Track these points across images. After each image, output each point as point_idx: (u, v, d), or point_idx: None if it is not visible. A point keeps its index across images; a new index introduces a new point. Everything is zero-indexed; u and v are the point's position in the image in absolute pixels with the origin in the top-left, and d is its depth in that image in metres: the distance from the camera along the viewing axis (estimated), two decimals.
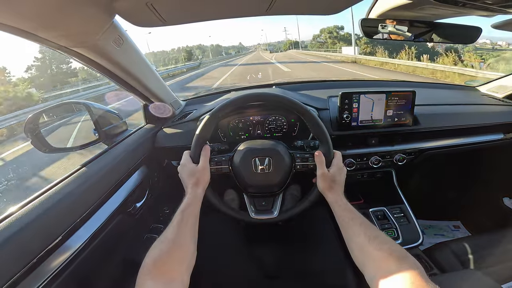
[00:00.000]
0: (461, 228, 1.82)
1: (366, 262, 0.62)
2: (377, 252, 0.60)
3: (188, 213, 0.73)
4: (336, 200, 0.80)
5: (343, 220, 0.74)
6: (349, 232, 0.70)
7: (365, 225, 0.69)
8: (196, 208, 0.77)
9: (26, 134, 0.88)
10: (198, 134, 0.88)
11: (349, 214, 0.74)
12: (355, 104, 1.15)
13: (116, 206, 0.90)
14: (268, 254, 1.30)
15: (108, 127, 1.07)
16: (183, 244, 0.67)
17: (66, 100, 1.03)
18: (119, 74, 0.94)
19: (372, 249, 0.61)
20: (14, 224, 0.59)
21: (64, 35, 0.66)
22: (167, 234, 0.67)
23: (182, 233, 0.68)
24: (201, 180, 0.82)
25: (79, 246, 0.72)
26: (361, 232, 0.67)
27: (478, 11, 0.89)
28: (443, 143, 1.29)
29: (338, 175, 0.85)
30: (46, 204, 0.67)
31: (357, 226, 0.69)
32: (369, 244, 0.62)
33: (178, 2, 0.69)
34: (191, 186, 0.80)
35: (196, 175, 0.82)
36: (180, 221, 0.70)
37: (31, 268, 0.58)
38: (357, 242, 0.67)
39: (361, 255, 0.64)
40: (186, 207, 0.74)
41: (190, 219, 0.72)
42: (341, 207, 0.77)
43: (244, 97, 0.93)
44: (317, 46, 59.20)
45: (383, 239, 0.63)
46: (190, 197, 0.77)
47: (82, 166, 0.86)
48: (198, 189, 0.80)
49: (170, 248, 0.64)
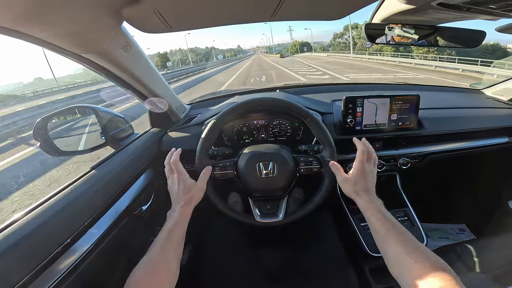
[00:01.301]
0: (466, 231, 1.81)
1: (404, 273, 0.58)
2: (417, 264, 0.56)
3: (175, 233, 0.71)
4: (367, 207, 0.73)
5: (377, 231, 0.68)
6: (385, 244, 0.65)
7: (404, 236, 0.64)
8: (183, 228, 0.74)
9: (36, 138, 0.90)
10: (200, 147, 0.90)
11: (383, 224, 0.68)
12: (359, 108, 1.15)
13: (123, 209, 0.91)
14: (271, 255, 1.31)
15: (115, 131, 1.09)
16: (167, 266, 0.66)
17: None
18: (126, 80, 0.96)
19: (412, 261, 0.57)
20: (23, 227, 0.60)
21: (75, 43, 0.68)
22: (151, 255, 0.66)
23: (166, 255, 0.67)
24: (194, 199, 0.80)
25: (87, 248, 0.73)
26: (399, 244, 0.62)
27: (482, 15, 0.90)
28: (448, 147, 1.28)
29: (360, 178, 0.78)
30: (55, 207, 0.68)
31: (394, 237, 0.64)
32: (408, 256, 0.59)
33: (184, 9, 0.70)
34: (183, 204, 0.77)
35: (192, 192, 0.80)
36: (166, 242, 0.68)
37: (40, 270, 0.59)
38: (394, 254, 0.62)
39: (398, 266, 0.61)
40: (173, 227, 0.71)
41: (176, 240, 0.70)
42: (374, 216, 0.70)
43: (246, 103, 0.94)
44: (340, 48, 55.91)
45: (424, 252, 0.59)
46: (179, 216, 0.74)
47: (90, 170, 0.87)
48: (188, 208, 0.78)
49: (154, 269, 0.63)
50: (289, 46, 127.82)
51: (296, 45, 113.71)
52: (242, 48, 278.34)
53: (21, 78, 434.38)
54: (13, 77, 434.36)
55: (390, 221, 0.68)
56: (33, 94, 28.52)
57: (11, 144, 8.45)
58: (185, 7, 0.68)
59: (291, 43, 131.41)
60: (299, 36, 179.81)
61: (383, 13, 0.95)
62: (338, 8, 0.85)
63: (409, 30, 1.01)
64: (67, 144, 1.03)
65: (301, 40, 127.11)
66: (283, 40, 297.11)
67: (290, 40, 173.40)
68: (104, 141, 1.04)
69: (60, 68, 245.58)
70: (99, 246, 0.78)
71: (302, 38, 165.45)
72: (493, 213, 1.71)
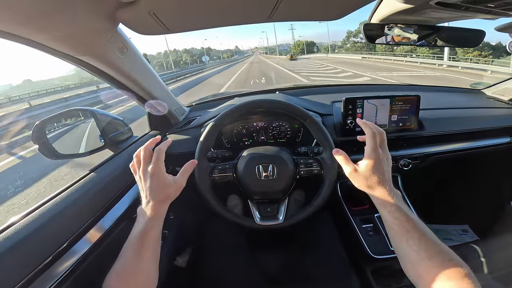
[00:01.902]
0: (469, 232, 1.79)
1: (423, 277, 0.53)
2: (437, 269, 0.51)
3: (149, 237, 0.62)
4: (382, 203, 0.63)
5: (394, 231, 0.60)
6: (402, 245, 0.57)
7: (425, 239, 0.56)
8: (158, 229, 0.65)
9: (34, 141, 0.90)
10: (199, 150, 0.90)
11: (402, 224, 0.58)
12: (359, 110, 1.14)
13: (122, 212, 0.91)
14: (271, 257, 1.30)
15: (114, 134, 1.09)
16: (145, 272, 0.61)
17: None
18: (124, 82, 0.96)
19: (432, 265, 0.52)
20: (21, 230, 0.60)
21: (70, 45, 0.68)
22: (124, 262, 0.60)
23: (143, 260, 0.60)
24: (171, 196, 0.69)
25: (85, 252, 0.73)
26: (420, 248, 0.55)
27: (480, 15, 0.89)
28: (449, 147, 1.28)
29: (372, 168, 0.65)
30: (53, 211, 0.68)
31: (414, 241, 0.56)
32: (429, 260, 0.53)
33: (180, 11, 0.70)
34: (157, 201, 0.65)
35: (170, 189, 0.68)
36: (140, 247, 0.60)
37: (38, 273, 0.59)
38: (414, 257, 0.55)
39: (418, 269, 0.55)
40: (147, 230, 0.62)
41: (153, 243, 0.63)
42: (391, 214, 0.61)
43: (244, 105, 0.94)
44: (356, 48, 51.32)
45: (448, 254, 0.53)
46: (153, 217, 0.64)
47: (88, 173, 0.87)
48: (163, 207, 0.67)
49: (130, 276, 0.59)
50: (292, 46, 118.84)
51: (300, 45, 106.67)
52: (240, 49, 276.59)
53: (10, 80, 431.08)
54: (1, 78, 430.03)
55: (409, 221, 0.58)
56: (19, 98, 28.10)
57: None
58: (180, 8, 0.68)
59: (291, 43, 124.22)
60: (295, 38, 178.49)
61: (382, 13, 0.94)
62: (335, 9, 0.84)
63: (408, 30, 1.01)
64: (65, 147, 1.03)
65: (304, 40, 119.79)
66: (281, 40, 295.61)
67: (290, 39, 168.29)
68: (103, 144, 1.04)
69: (50, 70, 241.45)
70: (97, 249, 0.78)
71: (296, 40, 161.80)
72: (496, 213, 1.69)
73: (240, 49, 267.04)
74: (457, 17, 0.96)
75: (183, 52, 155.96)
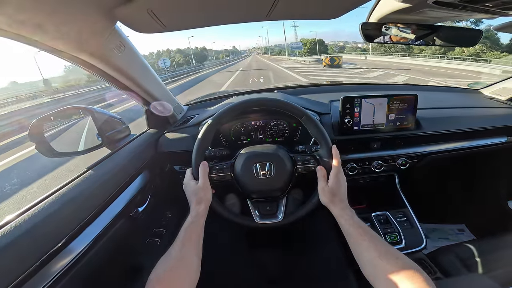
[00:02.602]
0: (466, 231, 1.80)
1: (378, 277, 0.61)
2: (389, 267, 0.59)
3: (191, 230, 0.75)
4: (341, 214, 0.78)
5: (350, 236, 0.73)
6: (359, 248, 0.69)
7: (375, 240, 0.68)
8: (199, 225, 0.79)
9: (31, 140, 0.89)
10: (197, 148, 0.89)
11: (356, 229, 0.72)
12: (357, 109, 1.15)
13: (119, 211, 0.90)
14: (269, 257, 1.30)
15: (111, 132, 1.08)
16: (187, 261, 0.69)
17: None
18: (121, 80, 0.95)
19: (384, 263, 0.61)
20: (17, 228, 0.59)
21: (66, 42, 0.67)
22: (171, 252, 0.69)
23: (185, 251, 0.70)
24: (203, 198, 0.84)
25: (82, 250, 0.72)
26: (371, 247, 0.66)
27: (478, 14, 0.89)
28: (446, 146, 1.28)
29: (337, 188, 0.83)
30: (49, 209, 0.67)
31: (366, 242, 0.68)
32: (380, 259, 0.62)
33: (178, 9, 0.70)
34: (194, 204, 0.82)
35: (199, 194, 0.84)
36: (184, 239, 0.72)
37: (34, 271, 0.59)
38: (367, 257, 0.66)
39: (372, 270, 0.64)
40: (189, 225, 0.76)
41: (194, 236, 0.74)
42: (347, 222, 0.75)
43: (241, 104, 0.94)
44: (384, 49, 41.48)
45: (394, 254, 0.63)
46: (193, 215, 0.79)
47: (85, 171, 0.86)
48: (200, 207, 0.82)
49: (174, 266, 0.66)
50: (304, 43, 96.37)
51: (307, 44, 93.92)
52: (237, 49, 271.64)
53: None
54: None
55: (362, 227, 0.73)
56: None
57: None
58: (179, 6, 0.68)
59: (291, 43, 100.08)
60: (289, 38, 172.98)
61: (380, 12, 0.94)
62: (333, 7, 0.85)
63: (406, 29, 1.01)
64: (63, 145, 1.03)
65: (310, 38, 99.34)
66: (278, 40, 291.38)
67: (291, 39, 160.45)
68: (100, 142, 1.03)
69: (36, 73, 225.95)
70: (94, 247, 0.77)
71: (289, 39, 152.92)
72: (493, 213, 1.70)
73: (237, 49, 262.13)
74: (454, 17, 0.96)
75: (176, 52, 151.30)
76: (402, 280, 0.55)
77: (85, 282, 0.74)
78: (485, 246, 1.13)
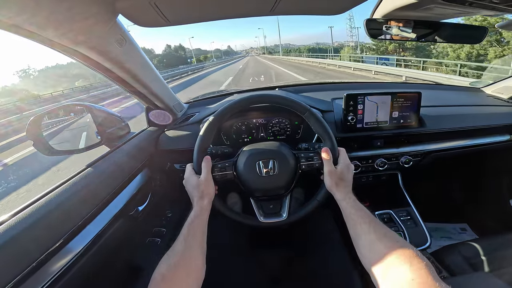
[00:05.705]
0: (468, 230, 1.79)
1: (374, 261, 0.59)
2: (387, 250, 0.57)
3: (194, 226, 0.73)
4: (343, 197, 0.78)
5: (351, 218, 0.72)
6: (357, 230, 0.68)
7: (375, 222, 0.67)
8: (202, 220, 0.77)
9: (29, 137, 0.87)
10: (198, 145, 0.87)
11: (357, 212, 0.72)
12: (360, 106, 1.13)
13: (118, 210, 0.89)
14: (272, 256, 1.29)
15: (110, 130, 1.06)
16: (191, 257, 0.67)
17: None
18: (121, 75, 0.93)
19: (382, 247, 0.59)
20: (15, 227, 0.58)
21: (65, 34, 0.65)
22: (175, 248, 0.67)
23: (189, 247, 0.68)
24: (206, 192, 0.81)
25: (81, 249, 0.71)
26: (370, 230, 0.65)
27: (484, 11, 0.88)
28: (449, 145, 1.27)
29: (346, 172, 0.83)
30: (47, 207, 0.66)
31: (366, 224, 0.67)
32: (379, 241, 0.61)
33: (182, 2, 0.68)
34: (196, 199, 0.80)
35: (200, 187, 0.81)
36: (187, 235, 0.70)
37: (32, 271, 0.57)
38: (365, 240, 0.65)
39: (369, 253, 0.62)
40: (192, 220, 0.74)
41: (197, 232, 0.73)
42: (349, 204, 0.75)
43: (242, 100, 0.92)
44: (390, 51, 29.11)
45: (393, 237, 0.62)
46: (197, 210, 0.77)
47: (84, 169, 0.85)
48: (203, 202, 0.80)
49: (178, 262, 0.64)
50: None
51: (304, 52, 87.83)
52: (233, 50, 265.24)
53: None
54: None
55: (363, 210, 0.72)
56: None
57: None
58: None
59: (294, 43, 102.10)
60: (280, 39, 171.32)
61: (385, 9, 0.93)
62: (338, 2, 0.83)
63: (411, 26, 1.00)
64: (61, 143, 1.00)
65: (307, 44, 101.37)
66: (274, 40, 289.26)
67: (289, 39, 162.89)
68: (99, 140, 1.02)
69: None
70: (93, 247, 0.76)
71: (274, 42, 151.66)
72: (495, 212, 1.70)
73: (233, 50, 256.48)
74: (461, 13, 0.95)
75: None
76: (401, 263, 0.53)
77: (83, 282, 0.72)
78: (489, 245, 1.12)
